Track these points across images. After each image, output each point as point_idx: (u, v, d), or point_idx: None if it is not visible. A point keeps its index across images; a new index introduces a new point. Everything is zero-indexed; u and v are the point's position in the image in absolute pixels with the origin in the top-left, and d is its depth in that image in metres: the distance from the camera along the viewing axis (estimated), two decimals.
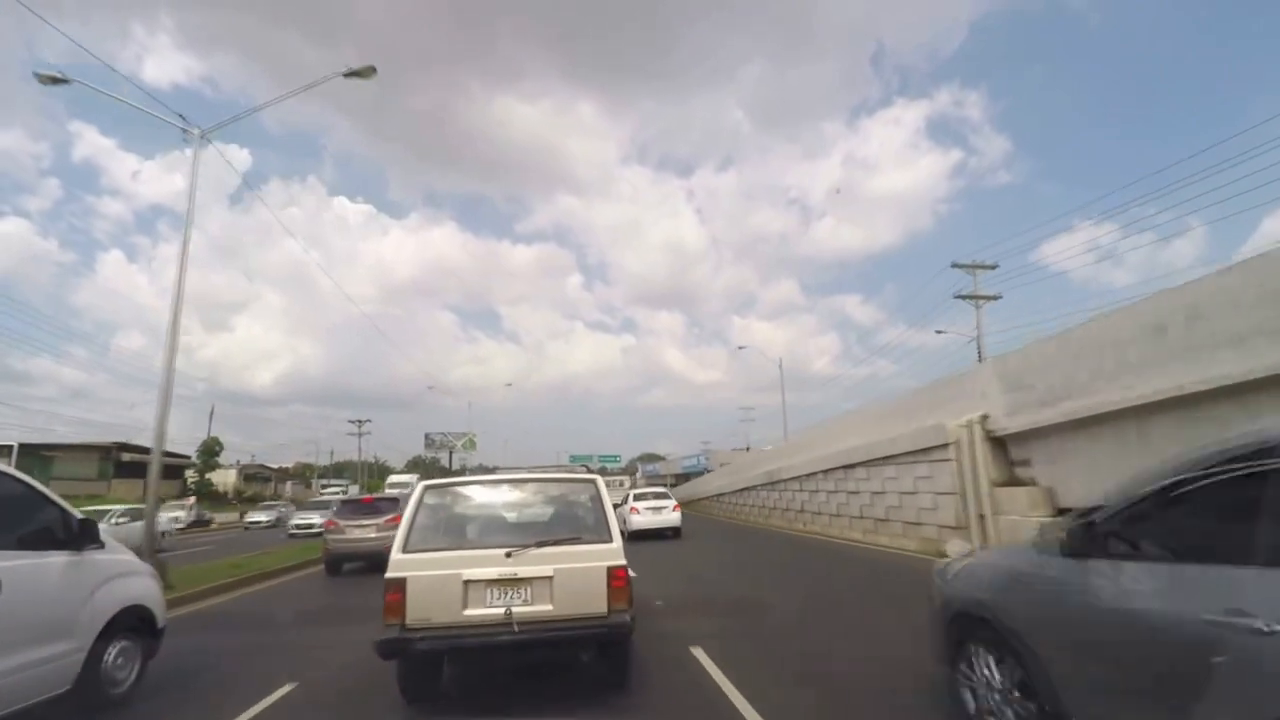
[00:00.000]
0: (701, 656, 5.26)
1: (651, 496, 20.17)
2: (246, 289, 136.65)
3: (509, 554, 4.12)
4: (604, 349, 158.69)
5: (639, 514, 18.71)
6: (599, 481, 4.90)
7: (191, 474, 51.13)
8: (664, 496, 20.34)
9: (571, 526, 4.55)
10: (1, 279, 79.72)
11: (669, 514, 18.96)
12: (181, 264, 11.29)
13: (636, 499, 19.70)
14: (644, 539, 17.51)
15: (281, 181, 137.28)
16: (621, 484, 39.13)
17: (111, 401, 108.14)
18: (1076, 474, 9.89)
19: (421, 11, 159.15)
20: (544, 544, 4.20)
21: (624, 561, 4.26)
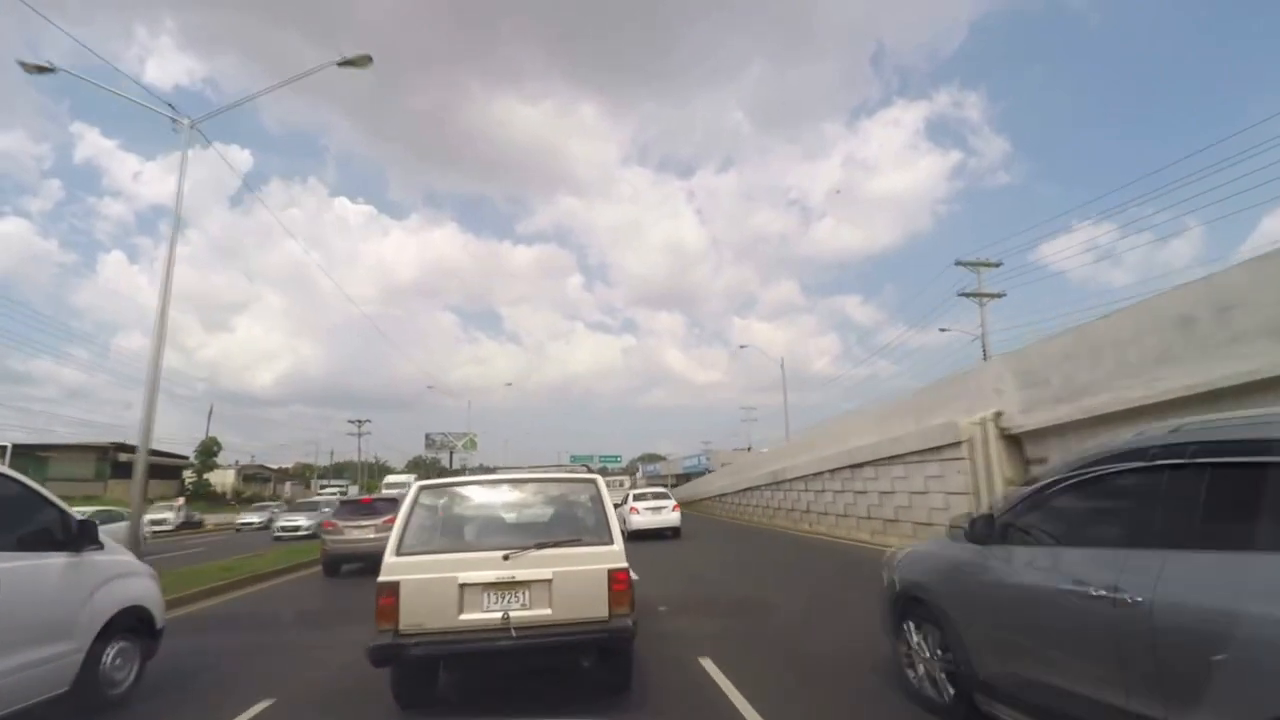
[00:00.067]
0: (709, 665, 5.02)
1: (651, 496, 20.23)
2: (247, 289, 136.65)
3: (506, 556, 3.95)
4: (605, 349, 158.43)
5: (638, 514, 18.76)
6: (599, 481, 4.68)
7: (189, 474, 50.91)
8: (664, 496, 20.39)
9: (571, 528, 4.38)
10: (2, 279, 79.79)
11: (668, 514, 19.00)
12: (169, 257, 11.03)
13: (636, 499, 19.77)
14: (644, 539, 17.48)
15: (282, 182, 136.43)
16: (622, 484, 39.17)
17: (111, 402, 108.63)
18: None
19: (421, 11, 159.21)
20: (543, 546, 4.03)
21: (626, 564, 4.09)
